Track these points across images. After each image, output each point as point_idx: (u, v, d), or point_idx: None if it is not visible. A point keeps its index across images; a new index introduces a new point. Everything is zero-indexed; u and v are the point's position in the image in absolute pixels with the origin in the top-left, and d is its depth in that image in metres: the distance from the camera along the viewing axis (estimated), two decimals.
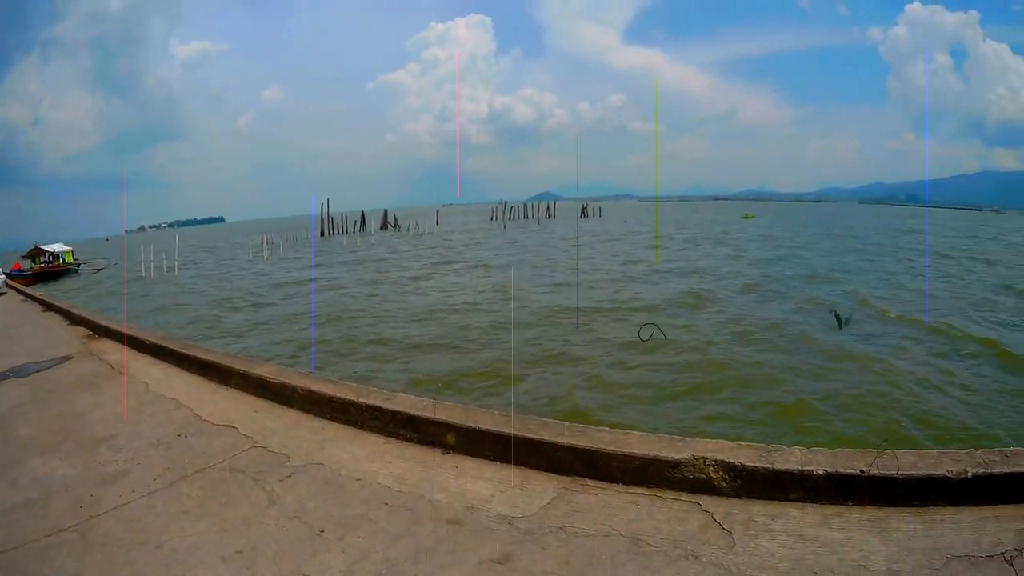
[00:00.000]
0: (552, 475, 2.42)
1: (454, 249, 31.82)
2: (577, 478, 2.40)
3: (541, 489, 2.43)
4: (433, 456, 2.67)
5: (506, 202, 59.49)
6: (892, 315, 11.62)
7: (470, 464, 2.57)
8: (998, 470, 2.38)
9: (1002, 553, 2.50)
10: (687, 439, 2.36)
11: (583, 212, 64.51)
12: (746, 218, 60.06)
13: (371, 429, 2.71)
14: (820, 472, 2.22)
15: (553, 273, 19.37)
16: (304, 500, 2.73)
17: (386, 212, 51.50)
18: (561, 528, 2.36)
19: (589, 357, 8.40)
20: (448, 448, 2.57)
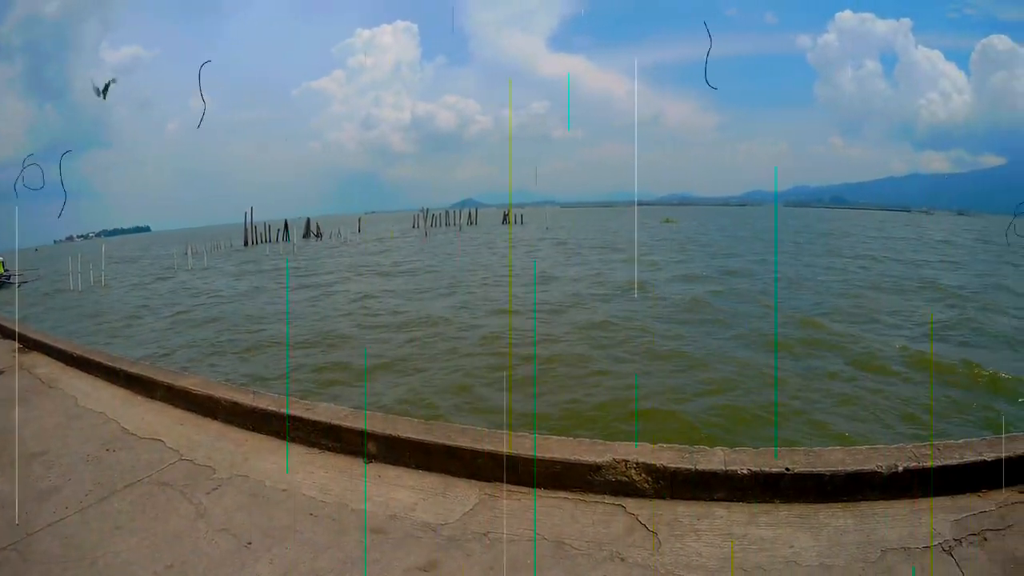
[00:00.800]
0: (474, 481, 2.51)
1: (370, 257, 32.19)
2: (498, 484, 2.48)
3: (463, 496, 2.52)
4: (355, 465, 2.75)
5: (428, 209, 61.09)
6: (799, 316, 12.08)
7: (392, 472, 2.65)
8: (930, 464, 2.45)
9: (940, 544, 2.61)
10: (608, 442, 2.43)
11: (505, 219, 66.60)
12: (667, 222, 62.73)
13: (294, 439, 2.79)
14: (744, 471, 2.29)
15: (451, 280, 20.08)
16: (231, 512, 2.83)
17: (308, 220, 52.04)
18: (484, 534, 2.45)
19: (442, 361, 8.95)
20: (370, 457, 2.64)
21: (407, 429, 2.57)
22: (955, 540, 2.64)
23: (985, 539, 2.69)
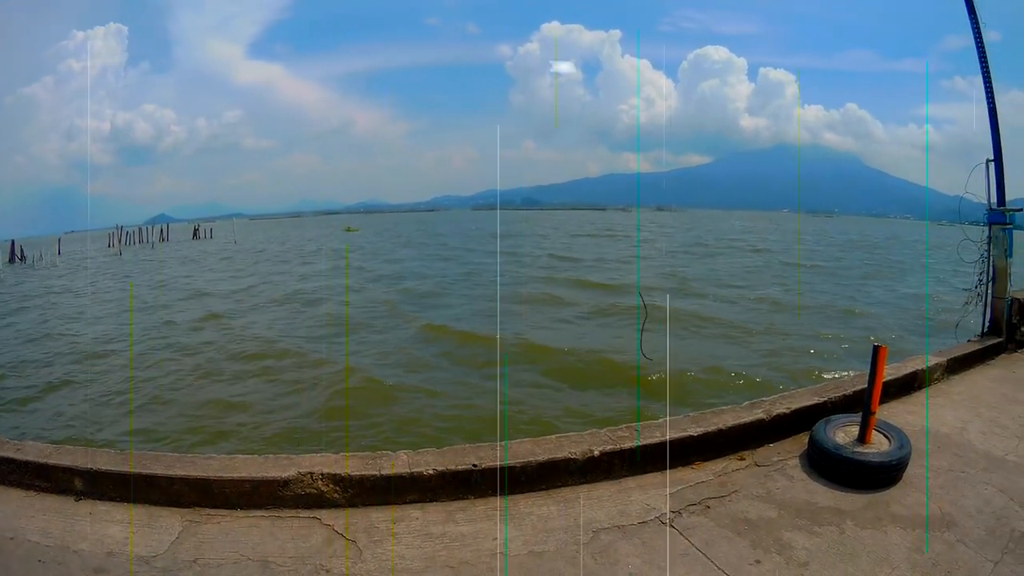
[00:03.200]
0: (175, 509, 2.62)
1: (57, 280, 31.86)
2: (197, 508, 2.61)
3: (168, 525, 2.66)
4: (68, 504, 2.83)
5: (122, 227, 63.15)
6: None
7: (101, 508, 2.74)
8: (628, 445, 2.73)
9: (657, 518, 2.88)
10: (292, 456, 2.62)
11: (195, 234, 70.08)
12: (349, 231, 69.76)
13: (11, 483, 2.85)
14: (431, 472, 2.52)
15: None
16: None
17: (13, 243, 51.34)
18: (194, 561, 2.64)
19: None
20: (79, 494, 2.79)
21: (105, 461, 2.68)
22: (674, 512, 2.92)
23: (708, 507, 2.98)
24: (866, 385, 3.09)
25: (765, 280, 20.60)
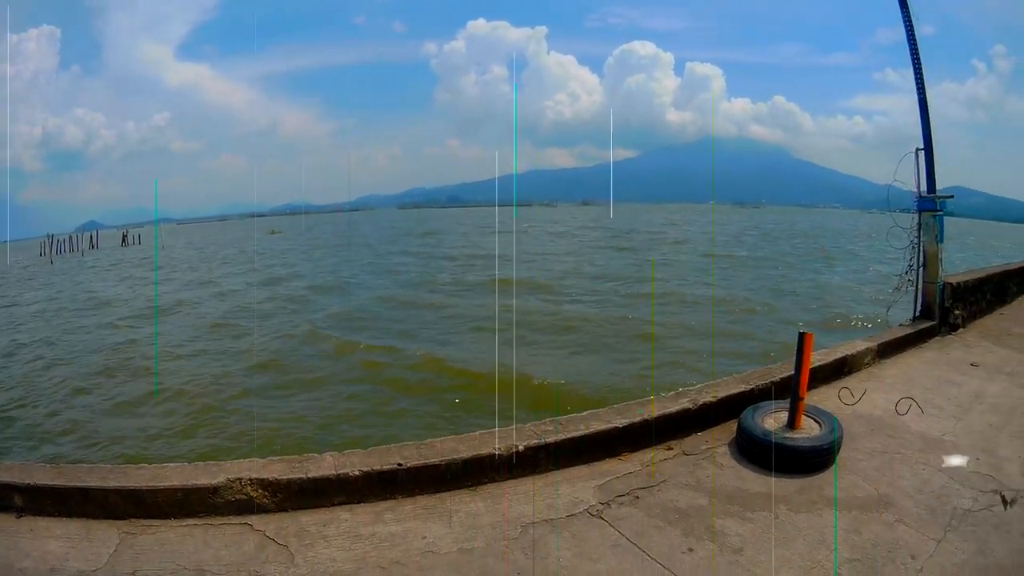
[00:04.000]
0: (111, 521, 2.68)
1: None
2: (133, 520, 2.67)
3: (105, 537, 2.74)
4: (9, 521, 2.89)
5: (53, 235, 63.64)
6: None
7: (42, 523, 2.78)
8: (552, 439, 2.81)
9: (586, 510, 2.96)
10: (221, 462, 2.70)
11: (124, 240, 70.34)
12: (273, 233, 72.66)
13: None
14: (356, 473, 2.60)
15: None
16: None
17: None
18: (132, 573, 2.69)
19: None
20: (19, 510, 2.87)
21: (42, 476, 2.73)
22: (602, 504, 2.99)
23: (637, 497, 3.05)
24: (793, 372, 3.18)
25: (682, 274, 20.37)
